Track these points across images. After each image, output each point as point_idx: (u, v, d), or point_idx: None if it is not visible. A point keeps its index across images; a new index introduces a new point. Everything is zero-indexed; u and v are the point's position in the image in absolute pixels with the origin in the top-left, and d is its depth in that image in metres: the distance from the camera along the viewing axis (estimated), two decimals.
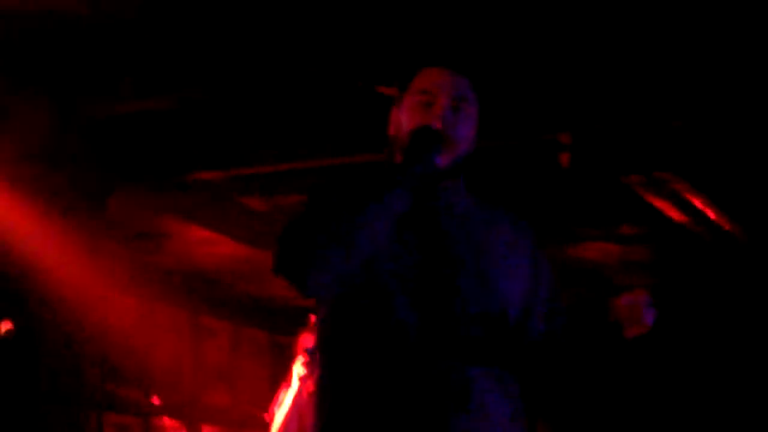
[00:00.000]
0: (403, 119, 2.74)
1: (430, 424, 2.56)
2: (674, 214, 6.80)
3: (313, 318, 5.70)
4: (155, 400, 8.83)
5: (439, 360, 2.59)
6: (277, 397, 6.39)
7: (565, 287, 2.88)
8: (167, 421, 9.04)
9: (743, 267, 8.00)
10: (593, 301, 2.83)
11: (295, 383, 6.19)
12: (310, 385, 5.92)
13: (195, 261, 8.10)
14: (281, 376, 9.71)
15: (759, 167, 6.24)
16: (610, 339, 2.81)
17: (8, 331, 5.41)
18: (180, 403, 9.08)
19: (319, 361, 2.74)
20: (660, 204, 6.59)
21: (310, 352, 6.08)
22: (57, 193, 6.03)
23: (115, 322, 8.13)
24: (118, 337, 8.22)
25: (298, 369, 6.21)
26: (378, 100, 2.93)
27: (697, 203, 6.66)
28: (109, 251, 7.23)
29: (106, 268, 7.22)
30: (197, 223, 7.13)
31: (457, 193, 2.74)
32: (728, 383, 9.25)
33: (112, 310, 7.97)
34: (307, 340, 6.12)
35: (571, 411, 8.35)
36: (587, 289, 8.62)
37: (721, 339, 9.28)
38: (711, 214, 6.88)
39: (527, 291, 2.78)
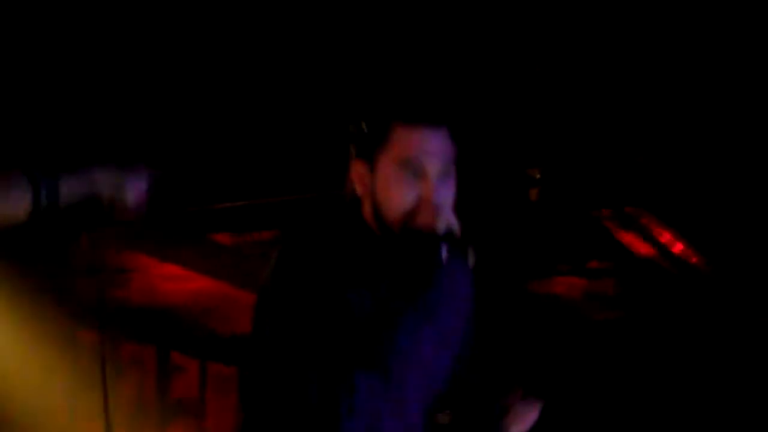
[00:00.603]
0: (384, 188, 2.51)
1: None
2: (641, 247, 6.83)
3: None
4: None
5: None
6: None
7: (534, 323, 2.89)
8: None
9: (708, 299, 8.04)
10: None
11: None
12: None
13: (162, 296, 8.05)
14: None
15: (722, 201, 6.28)
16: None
17: None
18: None
19: None
20: (628, 238, 6.63)
21: None
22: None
23: (80, 357, 8.08)
24: (83, 373, 8.15)
25: None
26: (343, 138, 2.79)
27: (664, 237, 6.70)
28: (75, 286, 7.20)
29: (71, 304, 7.19)
30: (165, 259, 7.10)
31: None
32: (695, 412, 9.27)
33: (76, 346, 7.93)
34: None
35: None
36: (554, 323, 8.64)
37: (686, 369, 9.31)
38: (677, 248, 6.92)
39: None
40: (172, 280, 7.59)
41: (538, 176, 4.57)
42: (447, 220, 2.44)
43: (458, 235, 2.45)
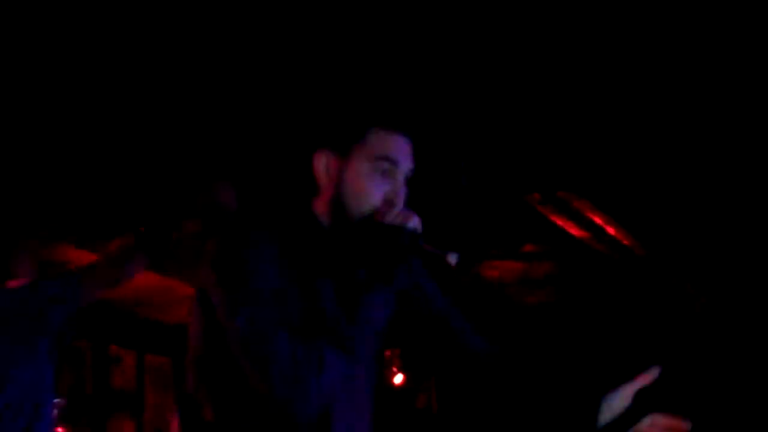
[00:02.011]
0: (356, 181, 2.60)
1: None
2: (575, 231, 6.89)
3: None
4: (60, 430, 8.71)
5: None
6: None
7: (469, 307, 2.90)
8: None
9: (642, 281, 8.12)
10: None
11: None
12: None
13: None
14: None
15: (654, 184, 6.34)
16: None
17: None
18: None
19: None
20: (561, 222, 6.68)
21: None
22: None
23: None
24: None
25: None
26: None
27: (598, 220, 6.76)
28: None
29: None
30: (98, 252, 7.05)
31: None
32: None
33: None
34: None
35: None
36: (489, 308, 8.69)
37: (621, 350, 9.40)
38: (610, 230, 6.98)
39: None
40: None
41: (467, 163, 4.59)
42: (415, 220, 2.56)
43: (420, 234, 2.56)
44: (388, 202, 2.58)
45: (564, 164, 5.88)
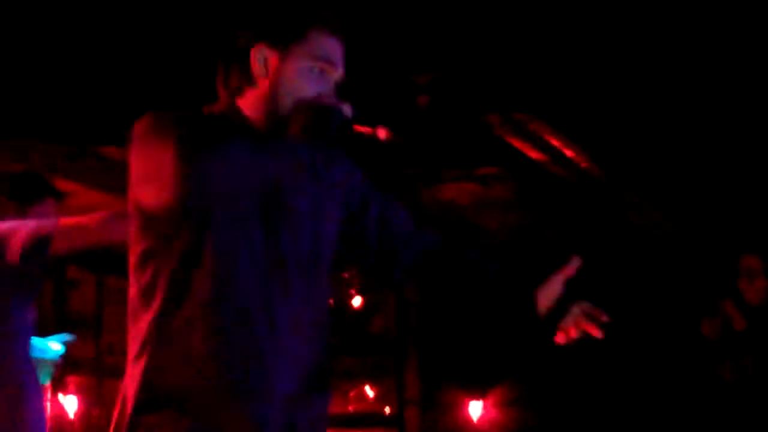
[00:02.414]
0: (293, 77, 2.65)
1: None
2: (532, 153, 6.91)
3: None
4: None
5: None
6: None
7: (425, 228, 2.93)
8: None
9: (600, 204, 8.18)
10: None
11: None
12: None
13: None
14: None
15: (612, 105, 6.37)
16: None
17: None
18: None
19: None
20: (518, 144, 6.70)
21: None
22: None
23: None
24: None
25: None
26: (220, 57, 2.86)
27: (555, 142, 6.78)
28: None
29: None
30: (56, 174, 7.03)
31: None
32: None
33: None
34: None
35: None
36: (445, 229, 8.72)
37: (579, 270, 9.47)
38: (568, 153, 7.01)
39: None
40: (68, 196, 7.52)
41: (427, 83, 4.59)
42: (347, 107, 2.63)
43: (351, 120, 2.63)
44: (321, 96, 2.65)
45: (521, 86, 5.88)
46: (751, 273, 5.88)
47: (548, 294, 2.88)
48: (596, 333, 2.82)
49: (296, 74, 2.65)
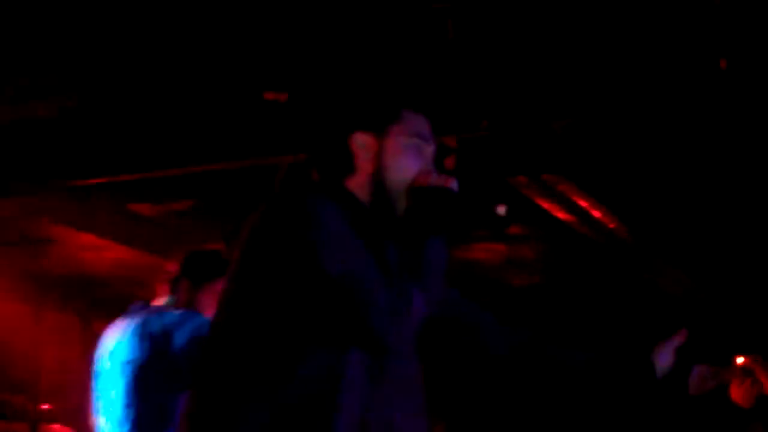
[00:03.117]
0: (397, 155, 2.72)
1: None
2: (560, 214, 6.90)
3: None
4: (44, 407, 8.72)
5: None
6: None
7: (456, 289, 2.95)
8: (57, 428, 8.93)
9: (627, 263, 8.14)
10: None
11: None
12: None
13: (82, 266, 8.02)
14: None
15: (639, 167, 6.35)
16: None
17: None
18: (70, 410, 8.97)
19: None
20: (547, 205, 6.69)
21: None
22: None
23: (1, 328, 8.02)
24: (4, 344, 8.11)
25: None
26: (263, 106, 2.93)
27: (583, 203, 6.77)
28: None
29: None
30: (83, 229, 7.07)
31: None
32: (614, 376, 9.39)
33: None
34: None
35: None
36: (476, 289, 8.70)
37: (606, 332, 9.43)
38: (596, 214, 6.99)
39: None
40: (92, 250, 7.57)
41: (455, 145, 4.60)
42: (454, 182, 2.75)
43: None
44: (426, 171, 2.72)
45: (550, 147, 5.88)
46: None
47: (661, 363, 3.15)
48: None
49: (398, 152, 2.73)
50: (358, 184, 2.74)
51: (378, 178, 2.72)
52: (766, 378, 5.61)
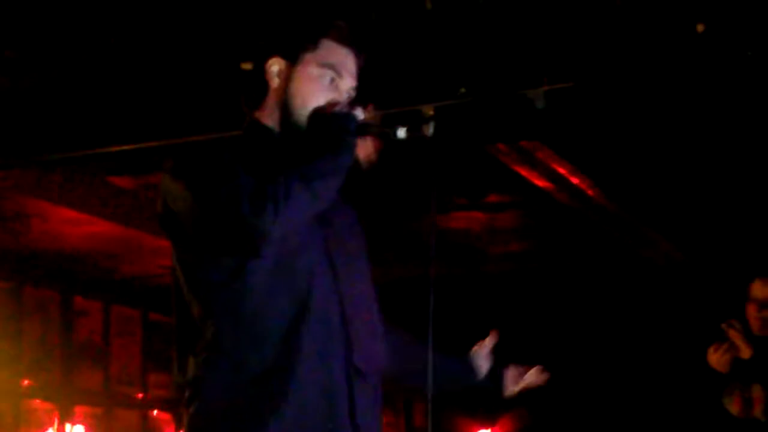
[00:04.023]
0: (303, 84, 2.75)
1: None
2: (539, 181, 6.91)
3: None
4: (25, 383, 8.72)
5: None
6: None
7: (436, 258, 2.95)
8: (39, 403, 8.93)
9: (606, 230, 8.16)
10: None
11: None
12: None
13: (62, 241, 7.99)
14: (154, 356, 9.69)
15: (617, 132, 6.36)
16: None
17: None
18: (51, 385, 8.97)
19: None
20: (525, 172, 6.69)
21: None
22: None
23: None
24: None
25: None
26: (240, 77, 2.95)
27: (561, 170, 6.78)
28: None
29: None
30: (63, 204, 7.04)
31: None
32: (594, 345, 9.44)
33: None
34: None
35: None
36: (457, 258, 8.72)
37: (587, 301, 9.46)
38: (574, 180, 7.00)
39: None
40: (71, 224, 7.54)
41: (432, 113, 4.58)
42: (359, 110, 2.73)
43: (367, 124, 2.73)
44: (333, 104, 2.74)
45: (527, 114, 5.88)
46: (761, 301, 5.76)
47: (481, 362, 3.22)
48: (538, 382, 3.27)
49: (306, 81, 2.75)
50: (270, 108, 2.78)
51: (284, 105, 2.75)
52: (741, 342, 5.64)
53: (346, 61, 2.78)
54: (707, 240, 8.35)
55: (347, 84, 2.78)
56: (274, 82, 2.77)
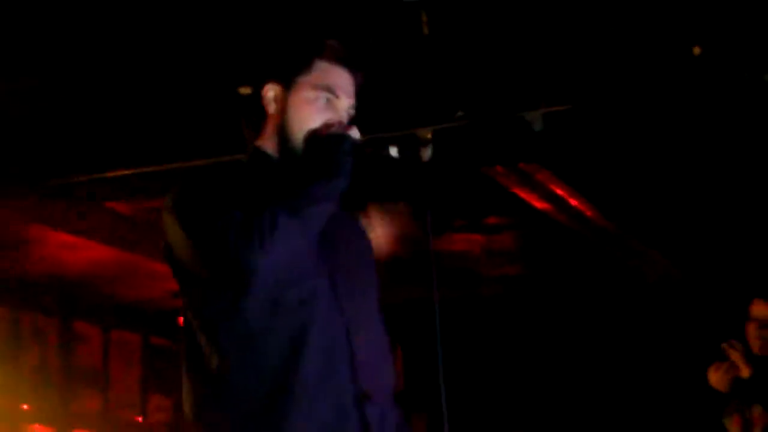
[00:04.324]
0: (299, 108, 2.74)
1: None
2: (537, 203, 6.91)
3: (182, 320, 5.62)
4: (24, 407, 8.70)
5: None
6: None
7: (435, 280, 2.95)
8: (39, 428, 8.91)
9: (604, 250, 8.16)
10: None
11: None
12: None
13: (61, 266, 7.98)
14: (154, 379, 9.66)
15: (616, 155, 6.36)
16: None
17: None
18: (51, 409, 8.95)
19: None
20: (524, 194, 6.70)
21: None
22: None
23: None
24: None
25: None
26: (238, 102, 2.95)
27: (560, 192, 6.78)
28: None
29: None
30: (61, 229, 7.03)
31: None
32: (592, 366, 9.43)
33: None
34: None
35: None
36: (456, 280, 8.71)
37: (585, 322, 9.45)
38: (573, 202, 7.00)
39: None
40: (70, 249, 7.53)
41: (429, 136, 4.59)
42: (354, 131, 2.72)
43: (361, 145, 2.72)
44: (328, 126, 2.72)
45: (525, 136, 5.88)
46: (762, 321, 5.74)
47: None
48: None
49: (301, 105, 2.74)
50: (269, 134, 2.77)
51: (281, 130, 2.74)
52: (741, 362, 5.63)
53: (340, 80, 2.78)
54: (706, 259, 8.35)
55: (344, 104, 2.77)
56: (271, 107, 2.77)
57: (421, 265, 3.06)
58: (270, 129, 2.77)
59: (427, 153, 2.88)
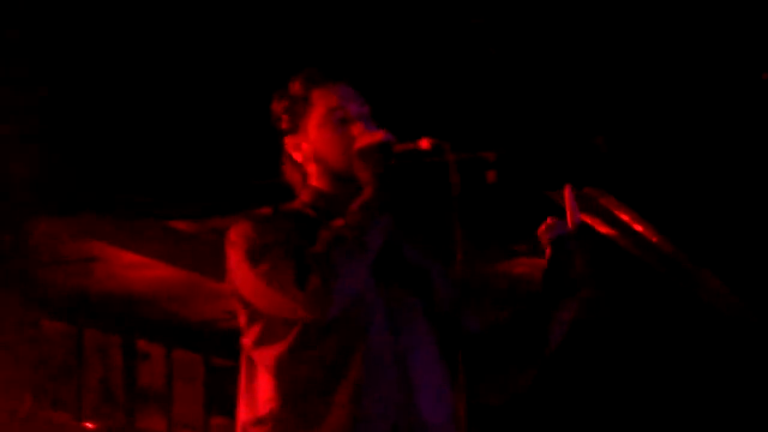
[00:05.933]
0: (322, 142, 2.77)
1: None
2: (602, 228, 6.87)
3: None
4: (88, 425, 8.75)
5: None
6: None
7: (499, 304, 2.94)
8: None
9: (670, 277, 8.09)
10: None
11: None
12: None
13: (124, 285, 8.03)
14: (217, 399, 9.69)
15: (681, 180, 6.32)
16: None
17: None
18: (114, 428, 8.99)
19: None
20: (588, 219, 6.66)
21: None
22: None
23: (45, 347, 8.05)
24: (48, 363, 8.14)
25: None
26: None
27: (624, 217, 6.74)
28: (36, 277, 7.18)
29: (35, 293, 7.17)
30: (125, 247, 7.08)
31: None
32: (658, 387, 9.36)
33: (41, 336, 7.91)
34: None
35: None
36: (519, 304, 8.65)
37: (650, 344, 9.38)
38: (638, 228, 6.96)
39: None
40: (134, 268, 7.58)
41: (493, 159, 4.58)
42: (381, 133, 2.71)
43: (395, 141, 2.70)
44: (361, 134, 2.73)
45: (590, 161, 5.86)
46: None
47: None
48: None
49: (322, 142, 2.77)
50: (316, 178, 2.80)
51: (323, 167, 2.77)
52: None
53: (337, 95, 2.80)
54: None
55: (354, 110, 2.79)
56: (299, 156, 2.82)
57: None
58: (313, 174, 2.81)
59: (492, 176, 2.84)
